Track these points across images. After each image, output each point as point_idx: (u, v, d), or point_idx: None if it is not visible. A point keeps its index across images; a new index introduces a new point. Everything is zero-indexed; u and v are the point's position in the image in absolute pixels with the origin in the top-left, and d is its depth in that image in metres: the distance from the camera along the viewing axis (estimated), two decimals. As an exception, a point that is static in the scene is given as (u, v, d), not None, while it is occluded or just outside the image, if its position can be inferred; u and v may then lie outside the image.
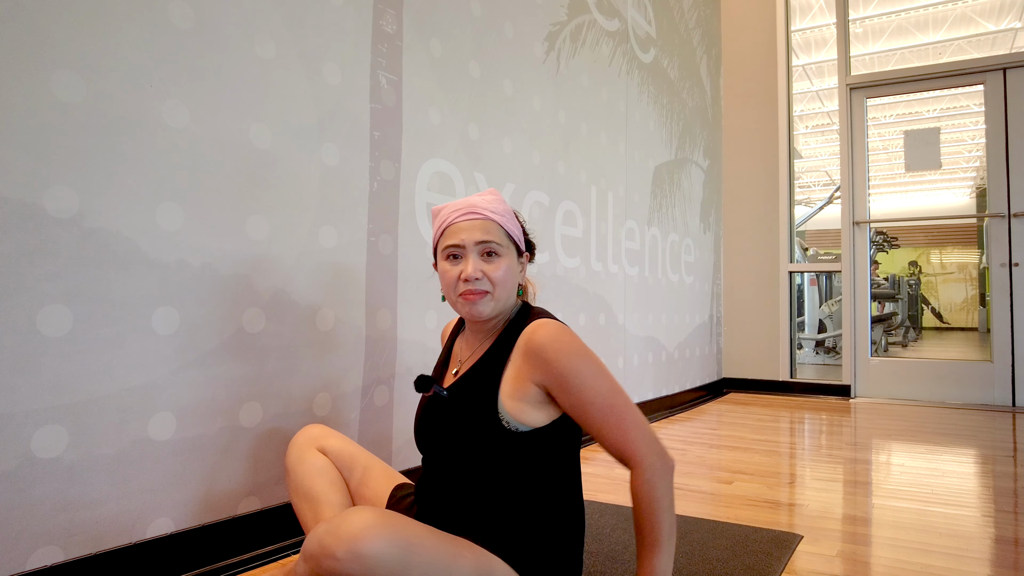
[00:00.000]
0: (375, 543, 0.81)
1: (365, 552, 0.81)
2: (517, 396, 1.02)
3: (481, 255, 1.08)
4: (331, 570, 0.81)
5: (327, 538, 0.82)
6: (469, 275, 1.05)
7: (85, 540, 1.10)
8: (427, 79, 1.87)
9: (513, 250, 1.11)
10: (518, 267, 1.12)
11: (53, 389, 1.06)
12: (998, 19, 7.89)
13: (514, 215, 1.14)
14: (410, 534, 0.86)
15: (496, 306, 1.08)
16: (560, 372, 0.98)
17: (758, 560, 1.37)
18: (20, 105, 1.03)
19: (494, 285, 1.06)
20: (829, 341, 6.73)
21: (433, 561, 0.86)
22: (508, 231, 1.10)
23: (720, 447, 2.57)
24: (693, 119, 3.95)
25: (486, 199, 1.12)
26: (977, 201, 14.33)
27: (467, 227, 1.08)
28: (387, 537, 0.83)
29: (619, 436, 0.98)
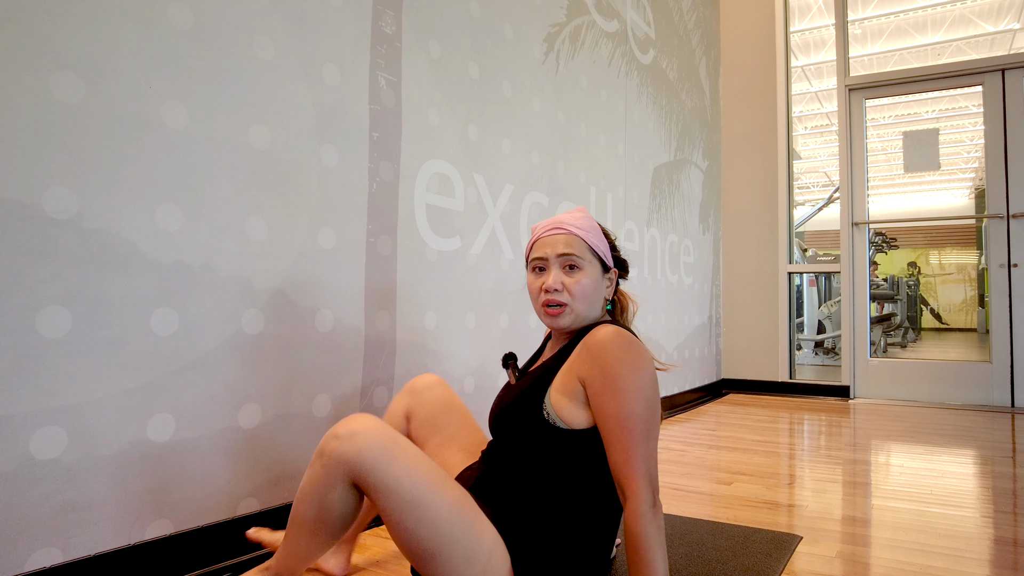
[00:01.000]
0: (370, 430, 0.97)
1: (359, 431, 0.96)
2: (563, 390, 1.07)
3: (563, 268, 1.14)
4: (332, 449, 0.96)
5: (337, 425, 0.98)
6: (549, 286, 1.12)
7: (84, 541, 1.10)
8: (426, 80, 1.87)
9: (597, 265, 1.16)
10: (603, 282, 1.17)
11: (52, 390, 1.06)
12: (997, 20, 7.90)
13: (601, 231, 1.19)
14: (404, 441, 1.00)
15: (575, 318, 1.14)
16: (600, 370, 1.02)
17: (757, 561, 1.37)
18: (19, 106, 1.03)
19: (572, 297, 1.12)
20: (828, 342, 6.74)
21: (416, 468, 0.97)
22: (592, 246, 1.15)
23: (719, 448, 2.57)
24: (692, 120, 3.96)
25: (573, 215, 1.18)
26: (976, 202, 14.34)
27: (551, 241, 1.15)
28: (381, 430, 0.98)
29: (624, 457, 1.00)
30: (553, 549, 1.05)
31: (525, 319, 2.28)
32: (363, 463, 0.95)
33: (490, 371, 2.11)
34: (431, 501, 0.96)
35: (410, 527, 0.96)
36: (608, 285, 1.19)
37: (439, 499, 0.97)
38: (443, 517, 0.97)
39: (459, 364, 1.97)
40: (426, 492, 0.97)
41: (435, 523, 0.96)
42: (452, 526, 0.97)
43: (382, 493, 0.95)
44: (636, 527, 0.97)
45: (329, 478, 0.97)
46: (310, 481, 0.99)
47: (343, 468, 0.96)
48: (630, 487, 0.99)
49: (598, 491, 1.08)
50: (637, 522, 0.97)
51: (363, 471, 0.95)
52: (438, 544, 0.96)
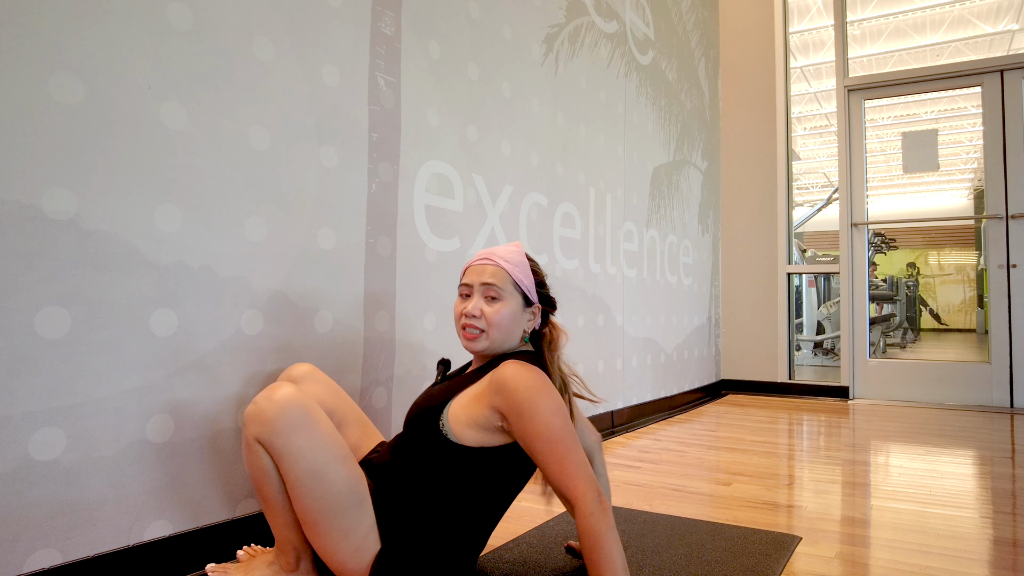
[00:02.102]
0: (286, 399, 1.05)
1: (275, 399, 1.05)
2: (466, 411, 1.15)
3: (485, 297, 1.22)
4: (253, 414, 1.05)
5: (259, 394, 1.07)
6: (469, 311, 1.21)
7: (83, 542, 1.10)
8: (425, 81, 1.87)
9: (519, 298, 1.23)
10: (523, 314, 1.24)
11: (51, 391, 1.06)
12: (995, 21, 7.91)
13: (529, 268, 1.26)
14: (317, 414, 1.08)
15: (490, 344, 1.22)
16: (517, 401, 1.09)
17: (757, 562, 1.37)
18: (18, 106, 1.03)
19: (489, 325, 1.20)
20: (827, 342, 6.74)
21: (321, 441, 1.06)
22: (515, 280, 1.23)
23: (718, 449, 2.57)
24: (691, 121, 3.96)
25: (506, 249, 1.26)
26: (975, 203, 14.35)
27: (479, 270, 1.23)
28: (297, 401, 1.06)
29: (560, 471, 1.07)
30: (417, 548, 1.12)
31: (524, 320, 2.28)
32: (273, 429, 1.04)
33: (489, 372, 2.10)
34: (328, 475, 1.06)
35: (302, 495, 1.05)
36: (530, 319, 1.26)
37: (335, 475, 1.07)
38: (335, 491, 1.07)
39: (458, 365, 1.97)
40: (325, 466, 1.06)
41: (326, 496, 1.06)
42: (340, 502, 1.07)
43: (285, 460, 1.05)
44: (587, 524, 1.03)
45: (250, 443, 1.07)
46: (244, 452, 1.10)
47: (257, 429, 1.05)
48: (574, 492, 1.06)
49: (472, 505, 1.15)
50: (587, 520, 1.04)
51: (272, 437, 1.04)
52: (324, 515, 1.06)
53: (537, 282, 1.27)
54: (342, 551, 1.09)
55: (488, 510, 1.18)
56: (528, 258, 1.28)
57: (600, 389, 2.80)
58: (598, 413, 2.77)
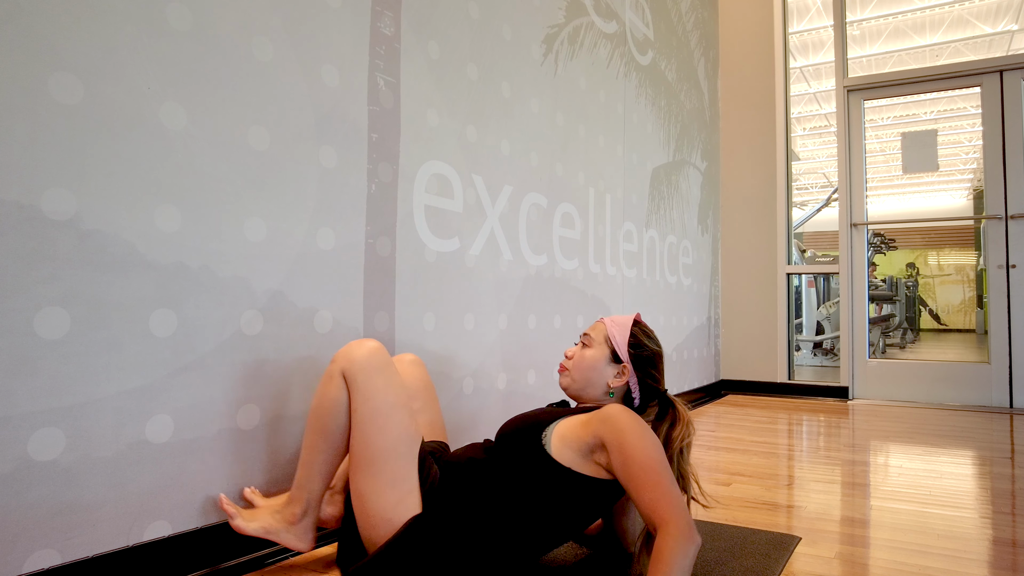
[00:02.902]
0: (377, 348, 1.21)
1: (369, 345, 1.21)
2: (572, 430, 1.19)
3: (580, 343, 1.38)
4: (345, 352, 1.21)
5: (353, 341, 1.24)
6: (567, 352, 1.39)
7: (82, 543, 1.10)
8: (425, 81, 1.87)
9: (606, 350, 1.35)
10: (608, 367, 1.34)
11: (50, 392, 1.06)
12: (995, 21, 7.92)
13: (629, 331, 1.36)
14: (396, 370, 1.23)
15: (571, 384, 1.35)
16: (620, 429, 1.13)
17: (756, 562, 1.37)
18: (17, 107, 1.03)
19: (572, 366, 1.35)
20: (827, 343, 6.74)
21: (395, 390, 1.19)
22: (609, 334, 1.35)
23: (718, 449, 2.57)
24: (691, 121, 3.96)
25: (622, 316, 1.40)
26: (974, 203, 14.36)
27: (593, 325, 1.40)
28: (385, 354, 1.22)
29: (653, 496, 1.07)
30: (457, 531, 1.16)
31: (523, 320, 2.28)
32: (359, 364, 1.19)
33: (489, 372, 2.11)
34: (395, 419, 1.17)
35: (367, 431, 1.16)
36: (616, 375, 1.34)
37: (399, 421, 1.18)
38: (395, 434, 1.17)
39: (458, 365, 1.97)
40: (393, 410, 1.18)
41: (388, 437, 1.16)
42: (398, 447, 1.17)
43: (360, 394, 1.18)
44: (670, 544, 1.01)
45: (331, 372, 1.21)
46: (321, 385, 1.23)
47: (344, 363, 1.19)
48: (665, 515, 1.04)
49: (531, 518, 1.17)
50: (672, 540, 1.01)
51: (357, 370, 1.18)
52: (381, 455, 1.16)
53: (633, 344, 1.34)
54: (386, 497, 1.15)
55: (540, 530, 1.18)
56: (640, 328, 1.37)
57: (600, 389, 2.80)
58: (598, 413, 2.77)
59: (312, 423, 1.23)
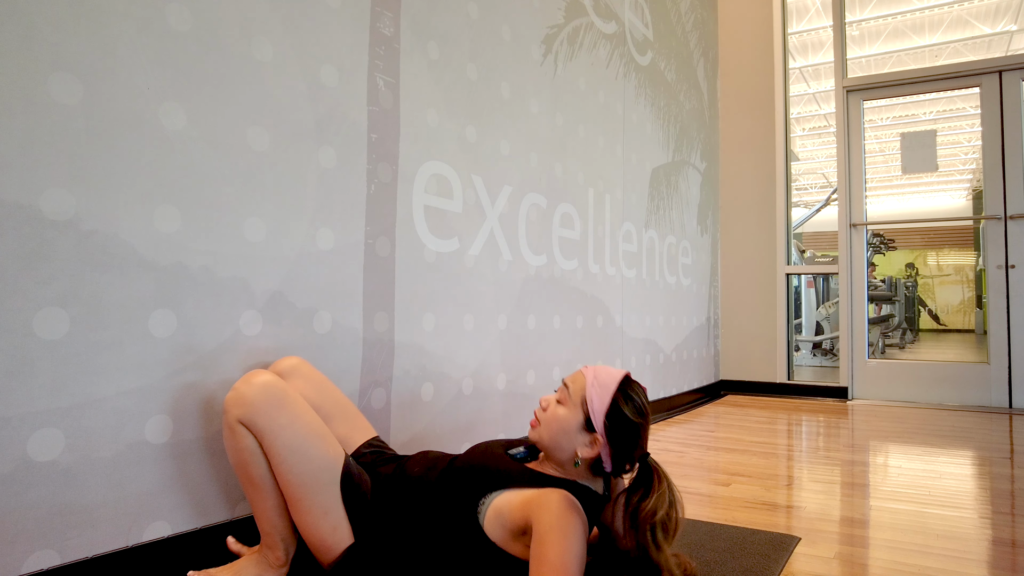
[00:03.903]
0: (266, 382, 1.13)
1: (255, 382, 1.12)
2: (507, 510, 1.11)
3: (558, 398, 1.23)
4: (233, 398, 1.11)
5: (238, 381, 1.14)
6: (541, 400, 1.25)
7: (81, 543, 1.10)
8: (425, 81, 1.87)
9: (580, 416, 1.18)
10: (576, 434, 1.18)
11: (49, 392, 1.06)
12: (994, 22, 7.92)
13: (611, 397, 1.17)
14: (296, 396, 1.16)
15: (538, 440, 1.22)
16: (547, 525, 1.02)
17: (756, 562, 1.37)
18: (17, 107, 1.03)
19: (541, 420, 1.22)
20: (826, 343, 6.74)
21: (301, 418, 1.14)
22: (587, 399, 1.18)
23: (717, 449, 2.57)
24: (690, 122, 3.96)
25: (608, 370, 1.23)
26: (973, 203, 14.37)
27: (574, 374, 1.25)
28: (276, 383, 1.14)
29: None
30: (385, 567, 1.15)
31: (523, 321, 2.28)
32: (255, 407, 1.10)
33: (488, 373, 2.11)
34: (308, 451, 1.13)
35: (284, 471, 1.12)
36: (586, 445, 1.18)
37: (315, 451, 1.14)
38: (314, 466, 1.13)
39: (457, 366, 1.97)
40: (304, 440, 1.13)
41: (307, 471, 1.12)
42: (320, 477, 1.13)
43: (268, 437, 1.11)
44: None
45: (232, 426, 1.12)
46: (226, 439, 1.15)
47: (238, 411, 1.11)
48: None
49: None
50: None
51: (255, 414, 1.11)
52: (305, 491, 1.13)
53: (612, 414, 1.16)
54: (322, 528, 1.14)
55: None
56: (625, 393, 1.18)
57: (599, 390, 2.80)
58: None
59: (240, 476, 1.17)
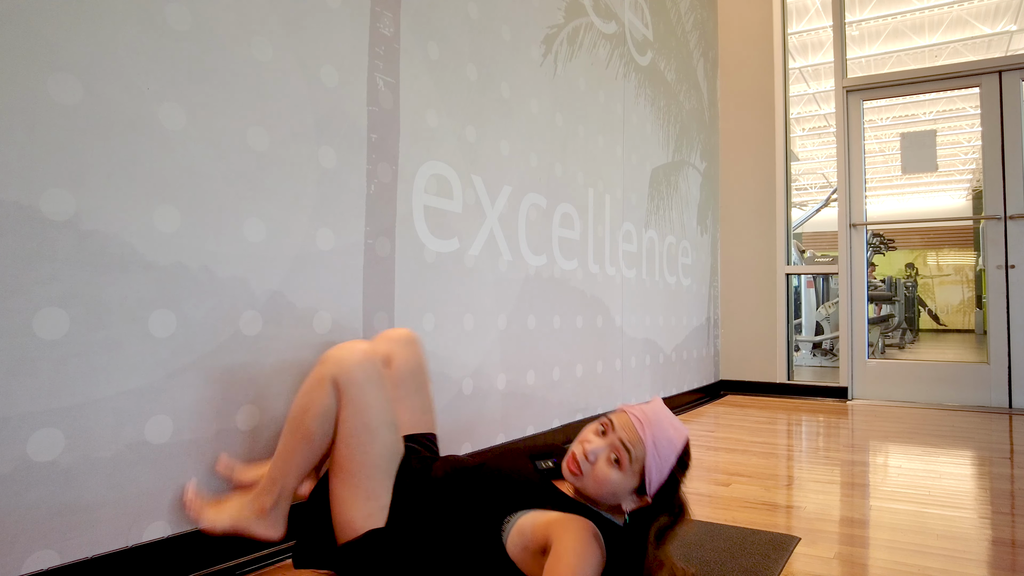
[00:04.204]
0: (369, 354, 1.18)
1: (361, 349, 1.18)
2: (529, 529, 1.09)
3: (610, 454, 1.13)
4: (337, 357, 1.16)
5: (342, 343, 1.20)
6: (588, 451, 1.14)
7: (81, 544, 1.10)
8: (424, 82, 1.87)
9: (635, 481, 1.13)
10: (627, 496, 1.15)
11: (49, 392, 1.06)
12: (994, 22, 7.92)
13: (670, 469, 1.13)
14: (385, 379, 1.21)
15: (583, 490, 1.15)
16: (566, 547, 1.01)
17: (756, 562, 1.37)
18: (16, 107, 1.02)
19: (590, 477, 1.13)
20: (826, 343, 6.74)
21: (385, 404, 1.18)
22: (647, 468, 1.12)
23: (717, 449, 2.57)
24: (690, 122, 3.96)
25: (667, 434, 1.14)
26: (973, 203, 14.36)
27: (628, 426, 1.14)
28: (375, 360, 1.19)
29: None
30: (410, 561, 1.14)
31: (523, 321, 2.28)
32: (354, 375, 1.15)
33: (488, 373, 2.11)
34: (380, 437, 1.17)
35: (353, 444, 1.16)
36: (634, 502, 1.16)
37: (385, 437, 1.18)
38: (378, 451, 1.16)
39: (457, 366, 1.97)
40: (380, 428, 1.17)
41: (371, 452, 1.16)
42: (379, 464, 1.17)
43: (353, 406, 1.15)
44: None
45: (322, 376, 1.15)
46: (307, 380, 1.18)
47: (337, 370, 1.15)
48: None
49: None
50: None
51: (350, 381, 1.15)
52: (363, 470, 1.16)
53: (667, 487, 1.14)
54: (358, 508, 1.16)
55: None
56: (684, 463, 1.16)
57: (599, 390, 2.80)
58: (597, 414, 2.77)
59: (295, 425, 1.18)
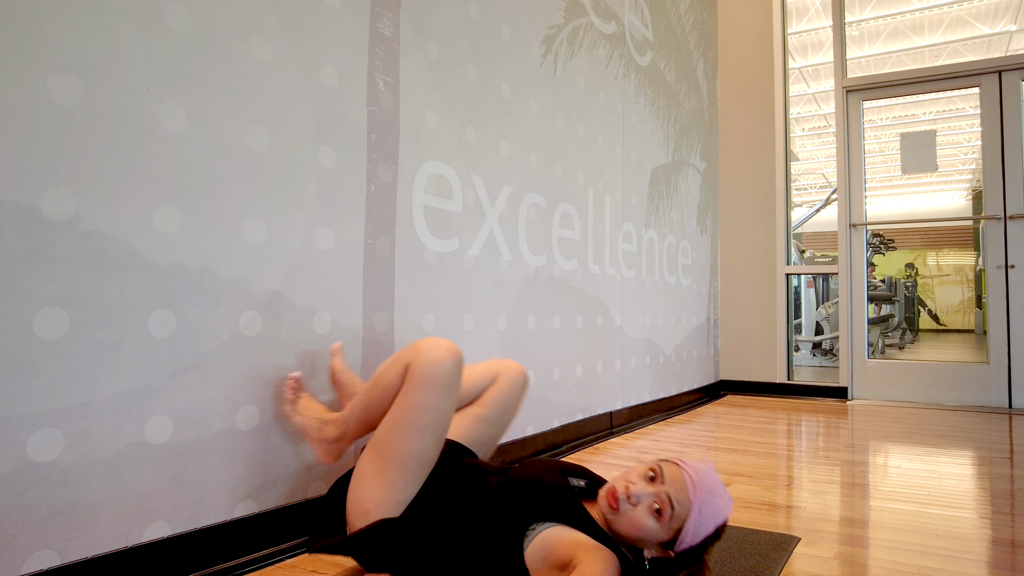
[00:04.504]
0: (455, 357, 1.20)
1: (450, 350, 1.20)
2: (552, 542, 1.09)
3: (654, 503, 1.11)
4: (424, 350, 1.19)
5: (442, 339, 1.22)
6: (633, 492, 1.12)
7: (81, 544, 1.10)
8: (424, 82, 1.87)
9: (668, 535, 1.12)
10: (655, 544, 1.14)
11: (49, 392, 1.06)
12: (993, 22, 7.92)
13: (706, 536, 1.12)
14: (456, 389, 1.22)
15: (614, 523, 1.14)
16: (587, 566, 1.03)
17: (756, 562, 1.37)
18: (16, 107, 1.02)
19: (626, 519, 1.12)
20: (826, 343, 6.74)
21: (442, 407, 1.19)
22: (684, 528, 1.10)
23: (717, 449, 2.57)
24: (690, 122, 3.96)
25: (714, 509, 1.12)
26: (973, 203, 14.37)
27: (679, 483, 1.13)
28: (458, 369, 1.21)
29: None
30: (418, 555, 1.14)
31: (523, 321, 2.28)
32: (425, 371, 1.17)
33: (488, 373, 2.10)
34: (417, 437, 1.18)
35: (388, 431, 1.19)
36: (658, 552, 1.15)
37: (422, 443, 1.18)
38: (410, 452, 1.18)
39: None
40: (422, 430, 1.18)
41: (402, 449, 1.18)
42: (407, 463, 1.18)
43: (409, 398, 1.18)
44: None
45: (402, 358, 1.20)
46: (397, 353, 1.26)
47: (414, 358, 1.19)
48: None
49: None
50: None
51: (419, 375, 1.17)
52: (393, 459, 1.18)
53: (698, 545, 1.12)
54: (374, 494, 1.18)
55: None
56: (722, 527, 1.14)
57: (599, 390, 2.80)
58: (597, 414, 2.77)
59: (369, 386, 1.27)
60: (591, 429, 2.73)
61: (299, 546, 1.44)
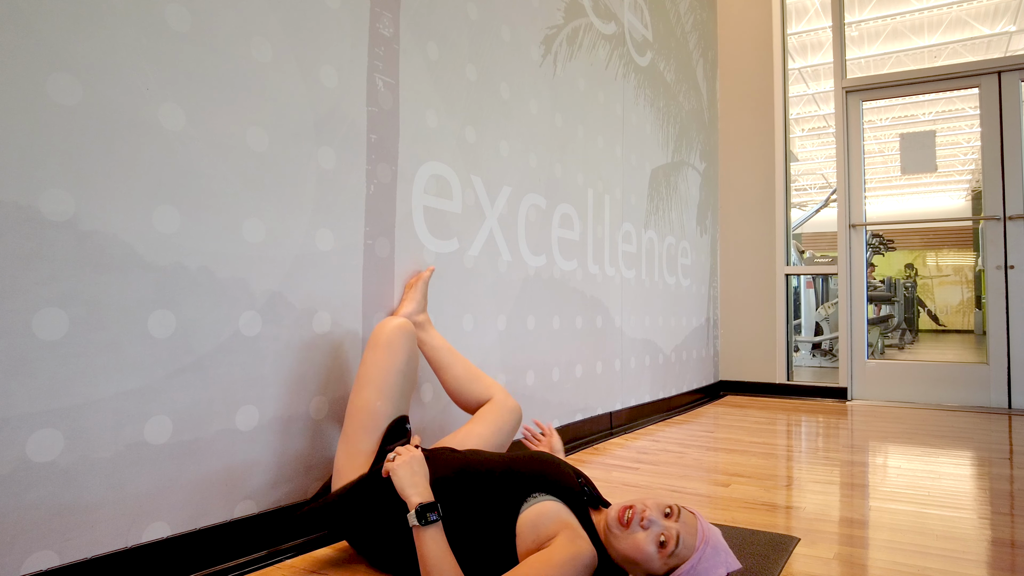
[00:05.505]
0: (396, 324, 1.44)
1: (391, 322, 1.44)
2: (541, 522, 1.15)
3: (660, 537, 1.11)
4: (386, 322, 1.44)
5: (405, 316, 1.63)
6: (647, 516, 1.12)
7: (80, 544, 1.10)
8: (424, 82, 1.87)
9: (660, 568, 1.12)
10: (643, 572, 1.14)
11: (48, 393, 1.06)
12: (993, 22, 7.93)
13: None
14: (404, 350, 1.42)
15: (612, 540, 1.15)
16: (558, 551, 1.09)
17: (755, 563, 1.37)
18: (16, 107, 1.02)
19: (629, 537, 1.13)
20: (825, 344, 6.74)
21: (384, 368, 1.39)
22: (678, 570, 1.10)
23: (717, 450, 2.57)
24: (689, 122, 3.96)
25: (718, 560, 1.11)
26: (972, 204, 14.37)
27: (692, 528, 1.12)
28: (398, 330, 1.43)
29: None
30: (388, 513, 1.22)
31: (522, 321, 2.28)
32: (375, 337, 1.43)
33: (488, 373, 2.10)
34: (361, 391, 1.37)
35: (351, 393, 1.41)
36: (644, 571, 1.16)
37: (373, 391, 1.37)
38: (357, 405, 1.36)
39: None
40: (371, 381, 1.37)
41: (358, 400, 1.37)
42: (356, 416, 1.36)
43: (361, 360, 1.42)
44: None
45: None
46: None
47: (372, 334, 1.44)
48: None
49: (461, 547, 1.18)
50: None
51: (371, 342, 1.43)
52: (348, 415, 1.37)
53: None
54: (339, 455, 1.35)
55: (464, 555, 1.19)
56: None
57: (598, 390, 2.80)
58: (597, 415, 2.77)
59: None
60: (591, 429, 2.74)
61: (299, 546, 1.44)
